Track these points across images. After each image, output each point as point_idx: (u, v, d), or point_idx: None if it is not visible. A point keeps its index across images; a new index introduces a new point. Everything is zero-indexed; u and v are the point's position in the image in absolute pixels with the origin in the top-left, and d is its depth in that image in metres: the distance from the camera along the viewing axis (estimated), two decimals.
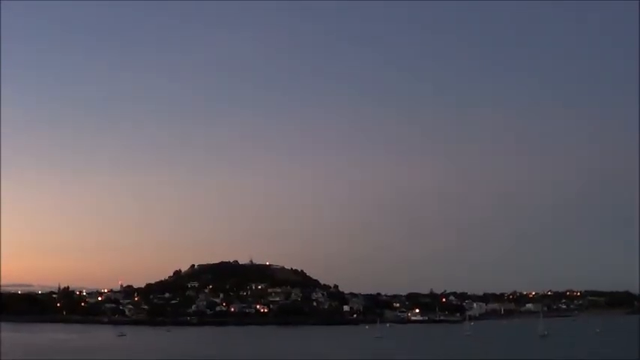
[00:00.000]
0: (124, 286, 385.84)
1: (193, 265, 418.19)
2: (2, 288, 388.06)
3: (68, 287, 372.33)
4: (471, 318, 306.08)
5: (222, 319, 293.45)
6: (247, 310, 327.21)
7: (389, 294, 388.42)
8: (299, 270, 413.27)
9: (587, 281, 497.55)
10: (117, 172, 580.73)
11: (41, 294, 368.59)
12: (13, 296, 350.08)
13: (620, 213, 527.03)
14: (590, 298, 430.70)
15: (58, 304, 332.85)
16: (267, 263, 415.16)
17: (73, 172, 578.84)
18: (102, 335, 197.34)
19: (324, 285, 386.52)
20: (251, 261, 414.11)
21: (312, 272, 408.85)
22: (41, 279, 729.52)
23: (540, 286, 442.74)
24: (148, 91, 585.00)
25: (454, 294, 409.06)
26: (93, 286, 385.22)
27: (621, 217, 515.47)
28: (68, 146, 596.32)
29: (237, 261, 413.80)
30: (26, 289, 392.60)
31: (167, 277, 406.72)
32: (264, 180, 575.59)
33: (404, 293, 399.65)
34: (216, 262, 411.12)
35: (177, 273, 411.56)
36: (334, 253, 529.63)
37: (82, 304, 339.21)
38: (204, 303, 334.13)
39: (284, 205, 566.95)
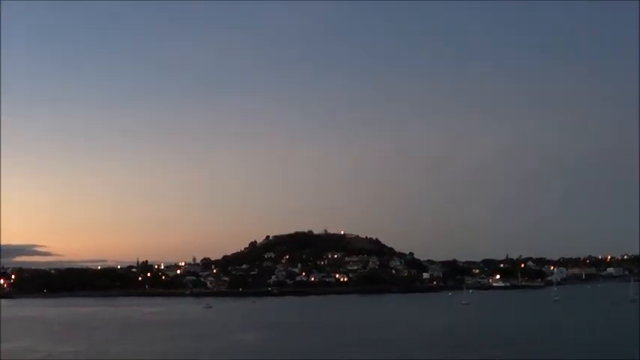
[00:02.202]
0: (202, 259, 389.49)
1: (268, 237, 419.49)
2: (78, 264, 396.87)
3: (147, 261, 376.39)
4: (553, 283, 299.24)
5: (302, 289, 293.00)
6: (327, 280, 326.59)
7: (463, 260, 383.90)
8: (374, 238, 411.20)
9: None
10: (190, 146, 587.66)
11: (120, 269, 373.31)
12: (95, 272, 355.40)
13: None
14: None
15: (140, 278, 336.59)
16: (342, 232, 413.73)
17: (146, 148, 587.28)
18: (189, 308, 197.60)
19: (400, 253, 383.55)
20: (325, 230, 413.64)
21: (386, 240, 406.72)
22: (115, 254, 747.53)
23: (617, 251, 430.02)
24: (224, 60, 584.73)
25: (531, 259, 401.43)
26: (166, 260, 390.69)
27: None
28: (143, 121, 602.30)
29: (311, 231, 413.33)
30: (103, 265, 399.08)
31: (243, 249, 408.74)
32: (338, 150, 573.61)
33: (478, 260, 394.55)
34: (291, 232, 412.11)
35: (252, 244, 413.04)
36: (408, 221, 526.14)
37: (163, 277, 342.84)
38: (284, 273, 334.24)
39: (357, 174, 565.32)
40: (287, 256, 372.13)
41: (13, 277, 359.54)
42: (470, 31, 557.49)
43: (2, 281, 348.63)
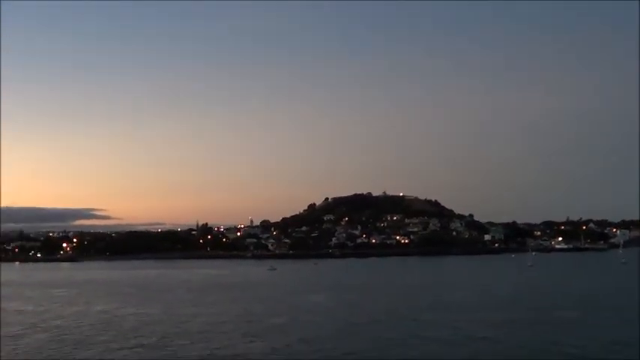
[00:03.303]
0: (261, 221, 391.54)
1: (327, 199, 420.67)
2: (137, 227, 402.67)
3: (207, 224, 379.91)
4: (618, 245, 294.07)
5: (363, 251, 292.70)
6: (388, 242, 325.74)
7: (522, 222, 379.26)
8: (433, 200, 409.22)
9: None
10: (248, 110, 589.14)
11: (180, 231, 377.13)
12: (156, 235, 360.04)
13: None
14: None
15: (201, 241, 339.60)
16: (401, 194, 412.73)
17: (205, 112, 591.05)
18: (252, 270, 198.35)
19: (459, 215, 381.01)
20: (384, 192, 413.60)
21: (445, 202, 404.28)
22: (172, 217, 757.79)
23: None
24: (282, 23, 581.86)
25: (592, 221, 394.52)
26: (223, 223, 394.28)
27: None
28: (205, 86, 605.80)
29: (370, 193, 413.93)
30: (161, 228, 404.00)
31: (302, 211, 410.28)
32: (396, 111, 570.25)
33: (538, 222, 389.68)
34: (350, 194, 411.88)
35: (311, 206, 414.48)
36: (467, 183, 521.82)
37: (224, 240, 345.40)
38: (344, 235, 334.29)
39: (415, 136, 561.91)
40: (346, 218, 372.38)
41: (75, 240, 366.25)
42: None
43: (65, 245, 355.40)
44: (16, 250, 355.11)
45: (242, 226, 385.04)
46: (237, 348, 54.68)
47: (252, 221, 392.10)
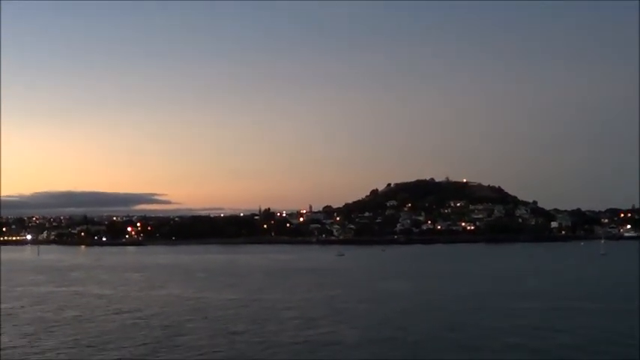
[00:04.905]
0: (324, 206, 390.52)
1: (389, 184, 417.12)
2: (197, 212, 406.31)
3: (269, 209, 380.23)
4: None
5: (429, 237, 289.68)
6: (453, 228, 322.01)
7: (585, 209, 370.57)
8: (496, 186, 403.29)
9: None
10: (309, 96, 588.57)
11: (243, 216, 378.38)
12: (221, 219, 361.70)
13: None
14: None
15: (265, 226, 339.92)
16: (464, 180, 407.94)
17: (265, 97, 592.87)
18: (320, 255, 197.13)
19: (523, 201, 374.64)
20: (447, 178, 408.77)
21: (509, 188, 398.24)
22: (230, 202, 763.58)
23: None
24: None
25: None
26: (284, 208, 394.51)
27: None
28: (264, 72, 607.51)
29: (433, 179, 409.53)
30: (220, 213, 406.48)
31: (364, 197, 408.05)
32: (458, 97, 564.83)
33: (603, 209, 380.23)
34: (412, 180, 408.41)
35: (374, 192, 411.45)
36: (530, 169, 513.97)
37: (287, 225, 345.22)
38: (409, 221, 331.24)
39: (477, 121, 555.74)
40: (409, 204, 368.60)
41: (138, 225, 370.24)
42: None
43: (130, 229, 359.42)
44: (82, 233, 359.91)
45: (303, 211, 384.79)
46: (333, 334, 53.08)
47: (311, 207, 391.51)
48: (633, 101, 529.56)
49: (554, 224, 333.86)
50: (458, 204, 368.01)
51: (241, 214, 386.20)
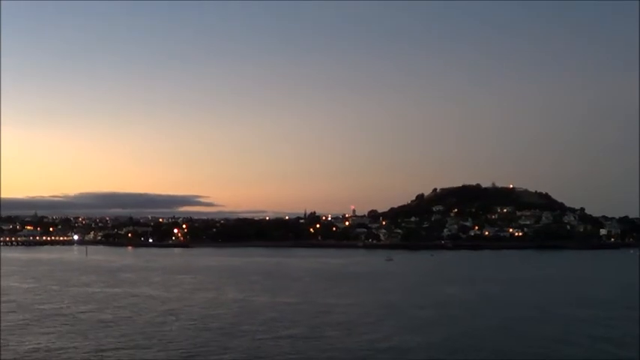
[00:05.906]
0: (369, 211, 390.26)
1: (435, 189, 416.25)
2: (240, 215, 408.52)
3: (314, 212, 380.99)
4: None
5: (476, 243, 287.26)
6: (501, 234, 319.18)
7: (632, 217, 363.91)
8: (543, 193, 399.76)
9: None
10: (354, 98, 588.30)
11: (289, 219, 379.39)
12: (267, 222, 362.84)
13: None
14: None
15: (311, 229, 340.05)
16: (511, 186, 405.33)
17: (306, 100, 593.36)
18: (370, 260, 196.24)
19: (570, 208, 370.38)
20: (493, 184, 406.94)
21: (556, 195, 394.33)
22: (273, 205, 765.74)
23: None
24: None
25: None
26: (327, 212, 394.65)
27: None
28: (301, 74, 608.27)
29: (479, 184, 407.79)
30: (263, 216, 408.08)
31: (410, 202, 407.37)
32: (505, 102, 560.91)
33: None
34: (458, 185, 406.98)
35: (419, 197, 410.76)
36: (578, 175, 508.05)
37: (333, 228, 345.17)
38: (456, 227, 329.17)
39: (524, 126, 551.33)
40: (455, 210, 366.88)
41: (184, 226, 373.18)
42: None
43: (176, 231, 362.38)
44: (129, 235, 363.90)
45: (347, 215, 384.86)
46: (392, 340, 52.68)
47: (354, 211, 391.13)
48: None
49: (602, 231, 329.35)
50: (505, 210, 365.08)
51: (286, 217, 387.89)
